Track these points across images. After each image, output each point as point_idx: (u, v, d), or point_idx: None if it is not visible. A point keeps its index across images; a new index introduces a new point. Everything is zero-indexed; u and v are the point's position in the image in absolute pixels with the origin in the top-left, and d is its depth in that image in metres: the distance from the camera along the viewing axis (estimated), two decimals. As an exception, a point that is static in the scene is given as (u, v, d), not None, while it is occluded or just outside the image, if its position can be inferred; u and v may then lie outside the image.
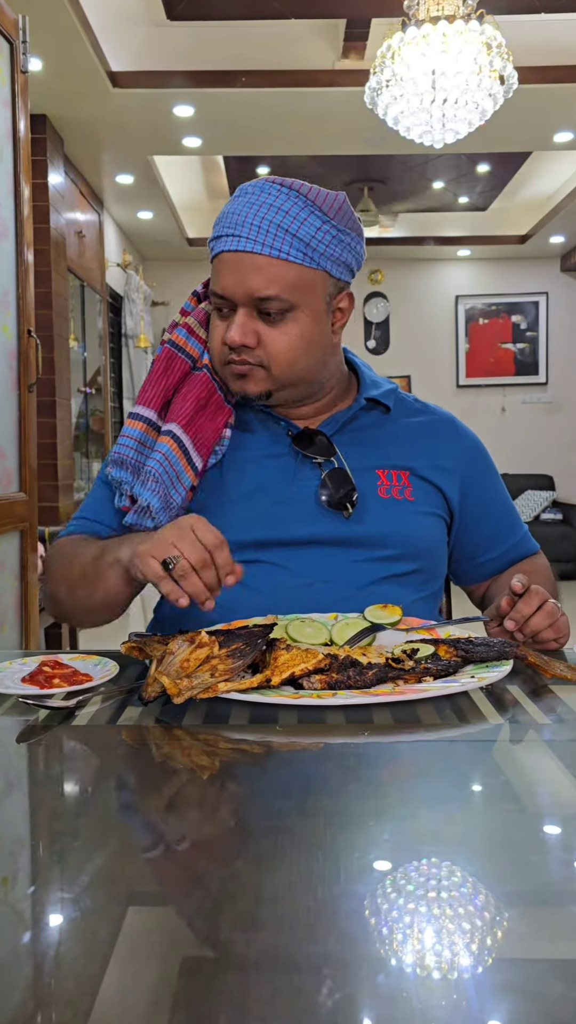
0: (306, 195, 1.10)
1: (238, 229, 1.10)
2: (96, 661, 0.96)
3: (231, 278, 1.11)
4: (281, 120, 4.70)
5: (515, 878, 0.54)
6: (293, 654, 0.87)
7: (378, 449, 1.22)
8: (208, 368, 1.20)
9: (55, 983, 0.43)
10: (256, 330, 1.12)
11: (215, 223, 1.14)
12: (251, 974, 0.43)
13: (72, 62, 3.96)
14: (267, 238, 1.08)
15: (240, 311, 1.12)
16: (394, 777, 0.72)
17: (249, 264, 1.09)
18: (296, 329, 1.13)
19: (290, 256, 1.09)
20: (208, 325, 1.21)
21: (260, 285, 1.10)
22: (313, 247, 1.10)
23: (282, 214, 1.09)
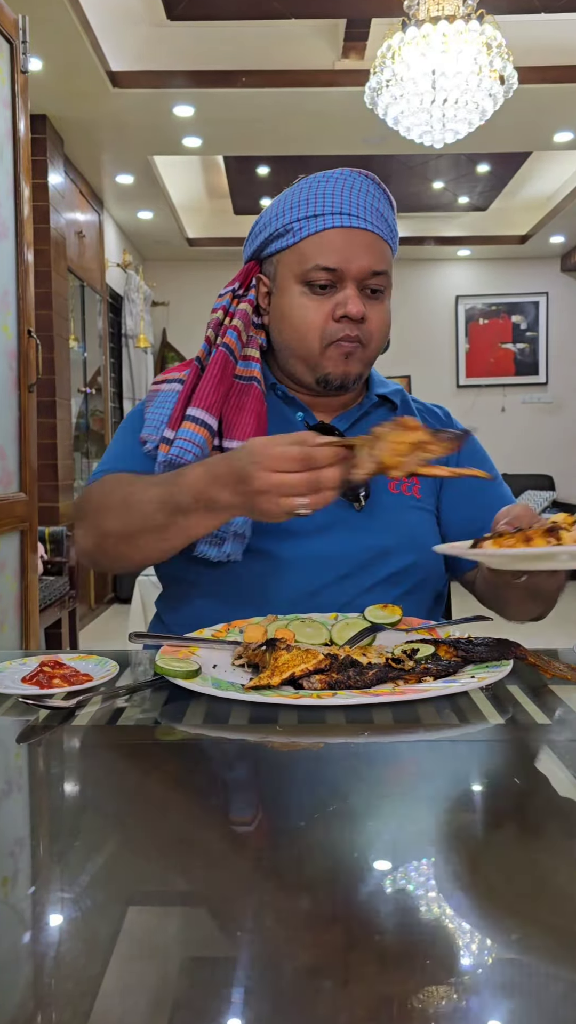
0: (384, 190, 1.19)
1: (348, 207, 1.14)
2: (96, 661, 0.96)
3: (345, 252, 1.13)
4: (281, 120, 4.71)
5: (515, 878, 0.54)
6: (293, 654, 0.87)
7: None
8: (258, 380, 1.19)
9: (55, 983, 0.43)
10: (364, 305, 1.15)
11: (298, 205, 1.16)
12: (251, 974, 0.43)
13: (72, 62, 3.96)
14: (373, 218, 1.15)
15: (351, 284, 1.14)
16: (394, 777, 0.72)
17: (362, 240, 1.14)
18: (387, 307, 1.20)
19: (388, 238, 1.17)
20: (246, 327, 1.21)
21: (374, 260, 1.14)
22: (394, 234, 1.19)
23: (378, 201, 1.17)
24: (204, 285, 7.63)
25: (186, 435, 1.12)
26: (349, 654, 0.90)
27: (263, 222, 1.21)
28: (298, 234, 1.15)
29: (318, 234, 1.14)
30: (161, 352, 7.69)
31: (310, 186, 1.17)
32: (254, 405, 1.17)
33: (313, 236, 1.15)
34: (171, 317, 7.61)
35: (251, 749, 0.77)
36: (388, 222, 1.18)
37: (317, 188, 1.16)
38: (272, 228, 1.18)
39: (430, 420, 1.32)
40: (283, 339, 1.20)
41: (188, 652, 0.96)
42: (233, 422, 1.15)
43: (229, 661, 0.95)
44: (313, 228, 1.14)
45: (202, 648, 0.99)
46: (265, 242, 1.20)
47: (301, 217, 1.15)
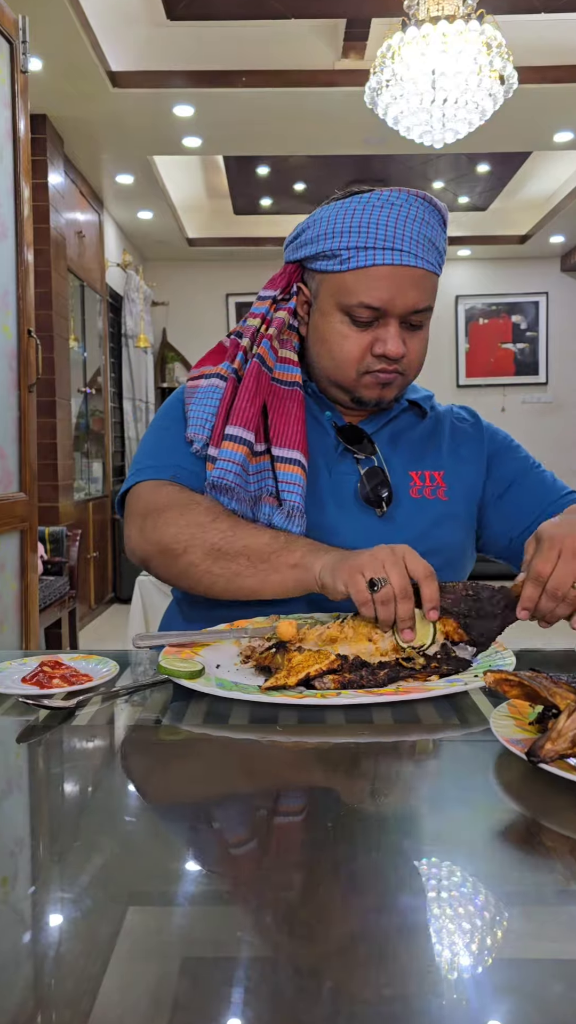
0: (438, 209, 1.15)
1: (398, 243, 1.10)
2: (96, 661, 0.96)
3: (391, 291, 1.11)
4: (281, 120, 4.70)
5: (515, 878, 0.54)
6: (305, 655, 0.87)
7: (412, 451, 1.24)
8: (300, 385, 1.19)
9: (55, 983, 0.43)
10: (403, 339, 1.14)
11: (349, 231, 1.12)
12: (251, 974, 0.43)
13: (72, 62, 3.96)
14: (423, 251, 1.12)
15: (394, 322, 1.13)
16: (394, 777, 0.72)
17: (409, 278, 1.11)
18: (427, 334, 1.19)
19: (435, 268, 1.15)
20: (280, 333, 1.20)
21: (419, 298, 1.13)
22: (442, 256, 1.17)
23: (429, 227, 1.13)
24: (204, 285, 7.64)
25: (226, 455, 1.13)
26: (359, 655, 0.90)
27: (312, 234, 1.16)
28: (346, 263, 1.12)
29: (365, 269, 1.11)
30: (161, 352, 7.68)
31: (363, 209, 1.12)
32: (299, 411, 1.17)
33: (360, 270, 1.11)
34: (171, 317, 7.61)
35: (251, 749, 0.77)
36: (438, 248, 1.15)
37: (370, 215, 1.12)
38: (320, 246, 1.14)
39: (456, 423, 1.30)
40: (319, 359, 1.19)
41: (191, 652, 0.96)
42: (281, 429, 1.16)
43: (232, 661, 0.95)
44: (361, 262, 1.11)
45: (205, 648, 0.99)
46: (311, 257, 1.17)
47: (351, 246, 1.11)
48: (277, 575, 1.04)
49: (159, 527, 1.12)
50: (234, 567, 1.07)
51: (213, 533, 1.09)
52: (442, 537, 1.19)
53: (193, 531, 1.09)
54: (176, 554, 1.10)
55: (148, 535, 1.13)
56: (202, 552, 1.08)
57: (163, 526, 1.12)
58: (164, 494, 1.15)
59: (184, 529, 1.10)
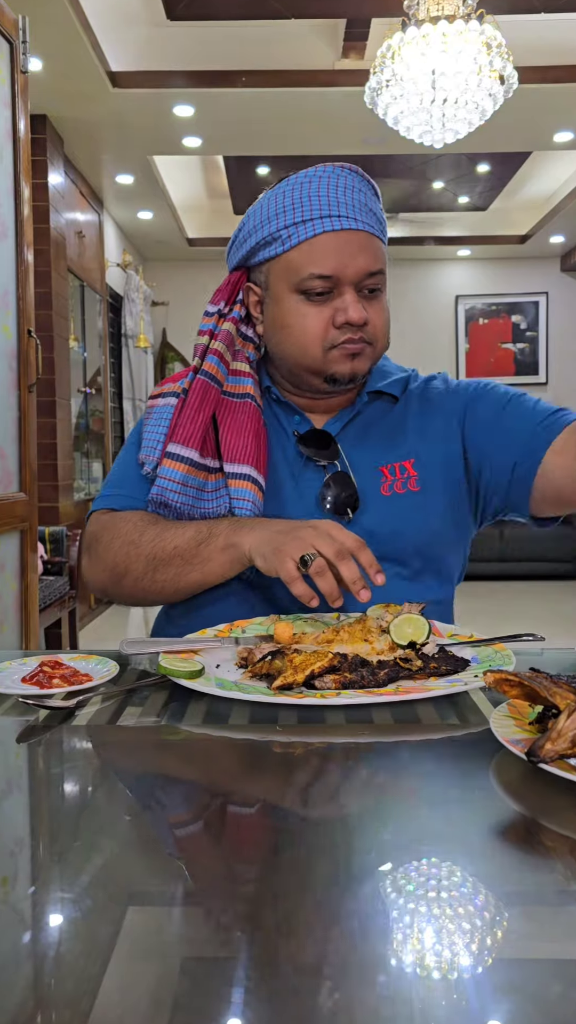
0: (368, 180, 1.15)
1: (335, 209, 1.10)
2: (96, 661, 0.96)
3: (340, 257, 1.10)
4: (281, 120, 4.71)
5: (515, 878, 0.54)
6: (305, 655, 0.87)
7: (381, 443, 1.20)
8: (252, 396, 1.17)
9: (55, 983, 0.43)
10: (364, 307, 1.12)
11: (284, 211, 1.11)
12: (251, 974, 0.43)
13: (72, 62, 3.96)
14: (362, 215, 1.11)
15: (349, 289, 1.11)
16: (394, 777, 0.72)
17: (356, 242, 1.10)
18: (384, 303, 1.16)
19: (379, 233, 1.13)
20: (229, 346, 1.19)
21: (369, 261, 1.11)
22: (384, 227, 1.15)
23: (363, 194, 1.13)
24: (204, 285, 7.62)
25: (165, 472, 1.13)
26: (358, 653, 0.90)
27: (247, 229, 1.16)
28: (287, 242, 1.11)
29: (309, 241, 1.10)
30: (161, 352, 7.69)
31: (293, 188, 1.12)
32: (251, 424, 1.15)
33: (304, 243, 1.10)
34: (171, 317, 7.61)
35: (251, 749, 0.77)
36: (377, 216, 1.14)
37: (301, 190, 1.11)
38: (258, 236, 1.14)
39: (426, 393, 1.24)
40: (283, 348, 1.16)
41: (191, 652, 0.96)
42: (232, 445, 1.14)
43: (231, 661, 0.95)
44: (303, 235, 1.10)
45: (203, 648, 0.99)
46: (252, 251, 1.16)
47: (289, 224, 1.11)
48: (212, 563, 1.07)
49: (100, 555, 1.16)
50: (173, 571, 1.10)
51: (144, 546, 1.12)
52: (415, 531, 1.15)
53: (127, 549, 1.13)
54: (121, 575, 1.14)
55: (94, 566, 1.18)
56: (142, 566, 1.11)
57: (103, 553, 1.16)
58: (100, 523, 1.19)
59: (120, 550, 1.14)
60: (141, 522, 1.15)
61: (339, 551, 0.94)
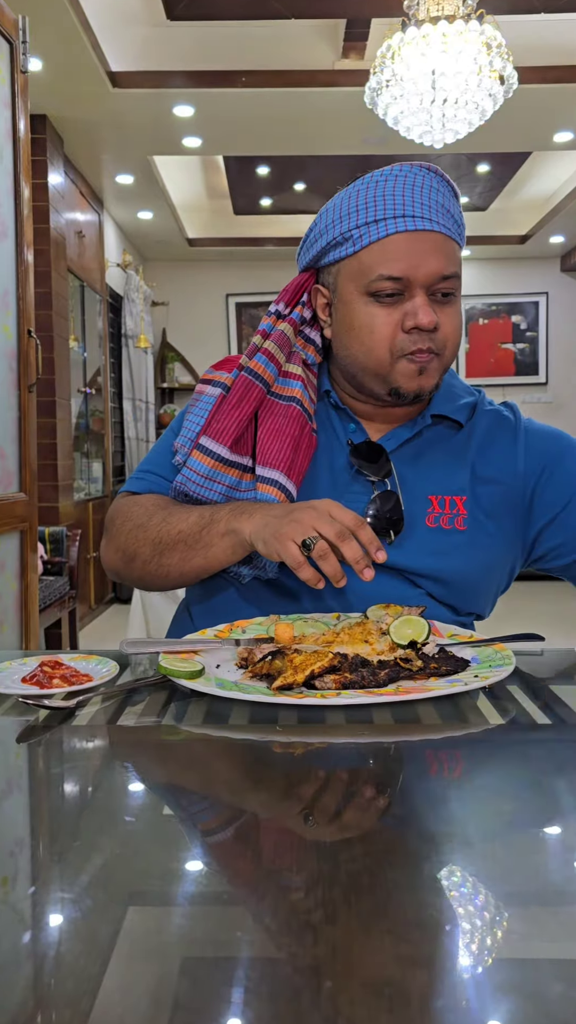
0: (447, 181, 1.11)
1: (408, 209, 1.06)
2: (96, 661, 0.96)
3: (411, 258, 1.05)
4: (281, 120, 4.71)
5: (515, 878, 0.54)
6: (305, 655, 0.87)
7: (435, 471, 1.15)
8: (298, 400, 1.13)
9: (55, 983, 0.43)
10: (435, 311, 1.08)
11: (356, 211, 1.08)
12: (251, 974, 0.43)
13: (72, 62, 3.96)
14: (440, 217, 1.07)
15: (420, 293, 1.07)
16: (394, 777, 0.72)
17: (431, 243, 1.06)
18: (459, 308, 1.13)
19: (456, 236, 1.09)
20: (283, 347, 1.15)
21: (443, 264, 1.07)
22: (461, 228, 1.11)
23: (443, 196, 1.09)
24: (204, 285, 7.64)
25: (192, 464, 1.12)
26: (358, 653, 0.90)
27: (319, 229, 1.12)
28: (359, 242, 1.07)
29: (380, 241, 1.06)
30: (161, 352, 7.68)
31: (368, 187, 1.09)
32: (290, 429, 1.11)
33: (375, 244, 1.07)
34: (171, 317, 7.61)
35: (251, 749, 0.77)
36: (455, 217, 1.09)
37: (376, 189, 1.08)
38: (329, 236, 1.10)
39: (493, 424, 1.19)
40: (350, 352, 1.12)
41: (191, 652, 0.96)
42: (268, 447, 1.11)
43: (231, 661, 0.95)
44: (375, 235, 1.06)
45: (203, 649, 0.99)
46: (323, 251, 1.12)
47: (361, 223, 1.07)
48: (215, 548, 1.06)
49: (113, 539, 1.18)
50: (177, 555, 1.09)
51: (151, 530, 1.12)
52: (451, 568, 1.11)
53: (137, 533, 1.13)
54: (131, 559, 1.14)
55: (108, 547, 1.19)
56: (149, 550, 1.12)
57: (116, 537, 1.17)
58: (119, 505, 1.20)
59: (131, 533, 1.14)
60: (152, 506, 1.14)
61: (340, 532, 0.93)
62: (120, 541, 1.16)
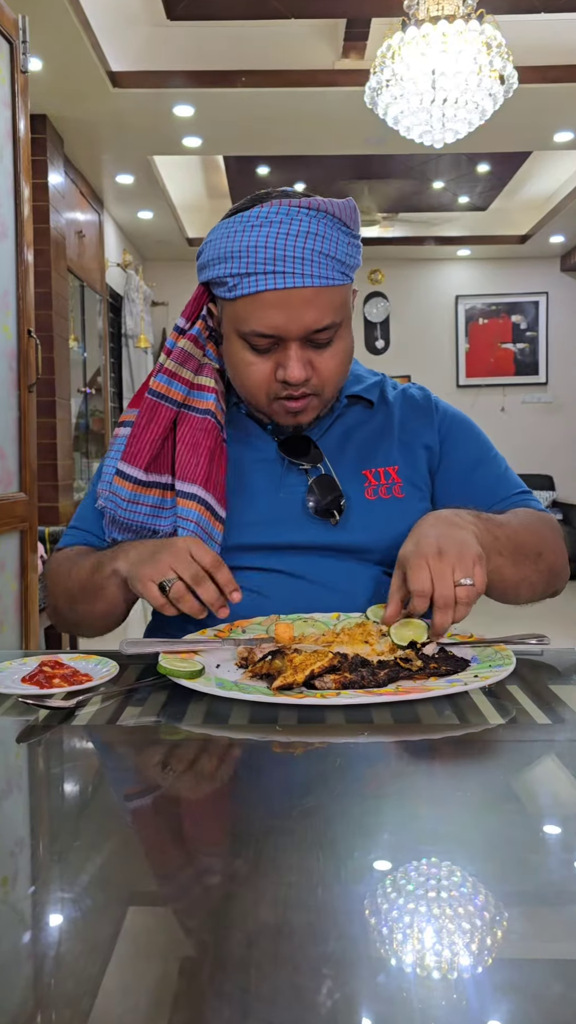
0: (332, 213, 1.06)
1: (279, 264, 1.03)
2: (96, 661, 0.96)
3: (281, 316, 1.05)
4: (281, 120, 4.70)
5: (515, 878, 0.54)
6: (305, 655, 0.87)
7: (363, 448, 1.20)
8: (212, 412, 1.15)
9: (55, 983, 0.43)
10: (309, 360, 1.09)
11: (230, 257, 1.05)
12: (251, 974, 0.43)
13: (72, 62, 3.96)
14: (313, 268, 1.04)
15: (293, 346, 1.07)
16: (394, 777, 0.72)
17: (300, 299, 1.04)
18: (342, 346, 1.12)
19: (334, 281, 1.06)
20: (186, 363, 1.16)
21: (316, 318, 1.06)
22: (346, 263, 1.07)
23: (319, 239, 1.04)
24: (204, 285, 7.63)
25: (115, 489, 1.14)
26: (358, 653, 0.90)
27: (206, 258, 1.10)
28: (233, 291, 1.07)
29: (252, 296, 1.05)
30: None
31: (244, 231, 1.04)
32: (206, 441, 1.13)
33: (248, 297, 1.05)
34: (171, 317, 7.61)
35: (251, 749, 0.77)
36: (336, 257, 1.05)
37: (250, 236, 1.04)
38: (211, 273, 1.09)
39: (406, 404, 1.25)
40: (234, 384, 1.16)
41: (191, 652, 0.96)
42: (185, 462, 1.13)
43: (231, 661, 0.95)
44: (247, 289, 1.05)
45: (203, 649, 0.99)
46: (207, 283, 1.13)
47: (235, 272, 1.05)
48: (107, 590, 1.10)
49: (48, 591, 1.24)
50: (85, 604, 1.14)
51: (65, 582, 1.17)
52: (401, 535, 1.12)
53: (55, 588, 1.21)
54: (57, 612, 1.22)
55: (47, 601, 1.26)
56: (64, 602, 1.19)
57: (49, 589, 1.23)
58: (50, 561, 1.26)
59: (53, 588, 1.21)
60: (67, 561, 1.19)
61: (195, 575, 0.96)
62: (50, 598, 1.23)
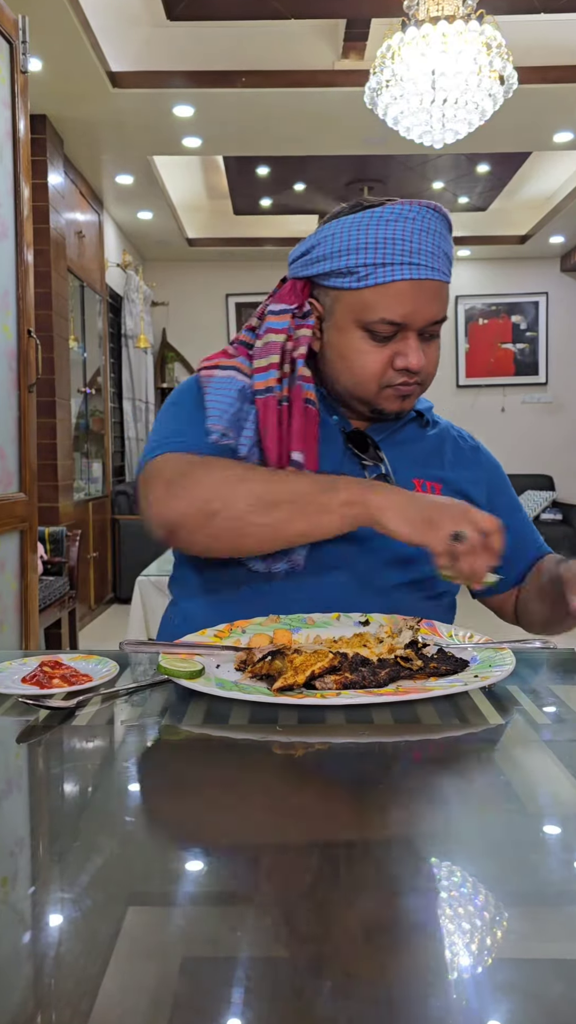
0: (446, 217, 1.15)
1: (415, 257, 1.10)
2: (96, 661, 0.96)
3: (413, 305, 1.11)
4: (281, 120, 4.70)
5: (515, 878, 0.54)
6: (305, 656, 0.87)
7: (415, 459, 1.25)
8: (314, 403, 1.16)
9: (55, 983, 0.43)
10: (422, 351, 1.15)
11: (364, 248, 1.10)
12: (251, 974, 0.43)
13: (72, 62, 3.96)
14: (439, 264, 1.12)
15: (413, 335, 1.13)
16: (394, 777, 0.72)
17: (429, 291, 1.12)
18: (439, 342, 1.20)
19: (448, 277, 1.15)
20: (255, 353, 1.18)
21: (438, 310, 1.14)
22: (452, 264, 1.17)
23: (441, 238, 1.13)
24: (204, 285, 7.64)
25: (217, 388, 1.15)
26: (358, 652, 0.90)
27: (323, 251, 1.13)
28: (364, 280, 1.11)
29: (386, 285, 1.10)
30: (161, 352, 7.68)
31: (377, 225, 1.10)
32: (312, 429, 1.15)
33: (381, 286, 1.10)
34: (171, 317, 7.61)
35: (251, 749, 0.77)
36: (449, 257, 1.15)
37: (386, 229, 1.10)
38: (335, 264, 1.12)
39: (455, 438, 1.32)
40: (339, 376, 1.18)
41: (191, 652, 0.96)
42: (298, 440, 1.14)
43: (232, 661, 0.95)
44: (382, 278, 1.10)
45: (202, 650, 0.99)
46: (324, 274, 1.15)
47: (369, 263, 1.10)
48: (330, 515, 1.01)
49: (187, 489, 1.06)
50: (280, 515, 1.03)
51: (255, 482, 1.06)
52: None
53: (232, 483, 1.06)
54: (214, 512, 1.04)
55: (175, 499, 1.07)
56: (246, 504, 1.03)
57: (192, 487, 1.06)
58: (182, 459, 1.11)
59: (222, 483, 1.06)
60: (244, 464, 1.11)
61: (482, 542, 0.95)
62: (200, 492, 1.05)
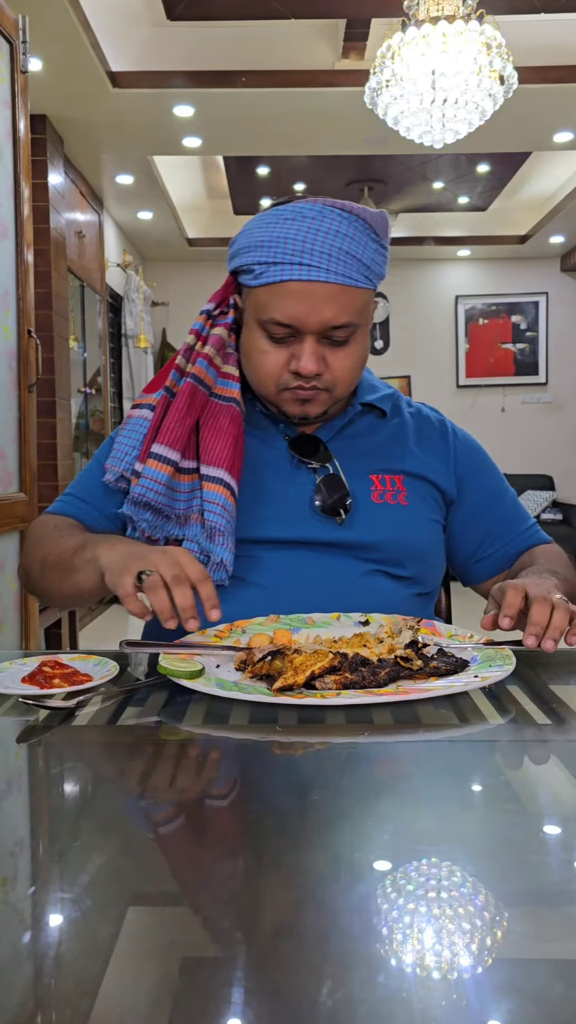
0: (364, 219, 1.09)
1: (306, 257, 1.06)
2: (96, 661, 0.96)
3: (301, 307, 1.08)
4: (281, 120, 4.70)
5: (515, 878, 0.54)
6: (305, 656, 0.87)
7: (372, 454, 1.23)
8: (237, 401, 1.17)
9: (55, 983, 0.43)
10: (324, 356, 1.12)
11: (260, 245, 1.09)
12: (251, 974, 0.43)
13: (72, 62, 3.96)
14: (338, 266, 1.07)
15: (309, 339, 1.10)
16: (394, 777, 0.72)
17: (322, 293, 1.08)
18: (357, 349, 1.15)
19: (357, 282, 1.09)
20: (220, 350, 1.19)
21: (334, 314, 1.09)
22: (371, 269, 1.11)
23: (348, 240, 1.08)
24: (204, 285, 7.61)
25: (149, 473, 1.13)
26: (358, 652, 0.90)
27: (237, 247, 1.15)
28: (259, 278, 1.10)
29: (275, 285, 1.08)
30: (161, 352, 7.68)
31: (276, 222, 1.09)
32: (231, 428, 1.15)
33: (271, 286, 1.09)
34: (171, 317, 7.61)
35: (251, 749, 0.77)
36: (362, 261, 1.09)
37: (281, 228, 1.08)
38: (240, 261, 1.13)
39: (421, 424, 1.29)
40: (247, 373, 1.19)
41: (191, 652, 0.96)
42: (210, 447, 1.15)
43: (231, 661, 0.95)
44: (271, 277, 1.08)
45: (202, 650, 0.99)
46: (236, 270, 1.16)
47: (262, 261, 1.09)
48: (80, 573, 1.07)
49: (27, 551, 1.22)
50: (56, 577, 1.12)
51: (44, 549, 1.16)
52: (404, 541, 1.18)
53: (33, 552, 1.18)
54: (27, 575, 1.22)
55: (24, 555, 1.24)
56: (38, 569, 1.16)
57: (28, 550, 1.21)
58: (35, 523, 1.24)
59: (30, 551, 1.20)
60: (55, 529, 1.18)
61: (176, 576, 0.92)
62: (27, 557, 1.21)
